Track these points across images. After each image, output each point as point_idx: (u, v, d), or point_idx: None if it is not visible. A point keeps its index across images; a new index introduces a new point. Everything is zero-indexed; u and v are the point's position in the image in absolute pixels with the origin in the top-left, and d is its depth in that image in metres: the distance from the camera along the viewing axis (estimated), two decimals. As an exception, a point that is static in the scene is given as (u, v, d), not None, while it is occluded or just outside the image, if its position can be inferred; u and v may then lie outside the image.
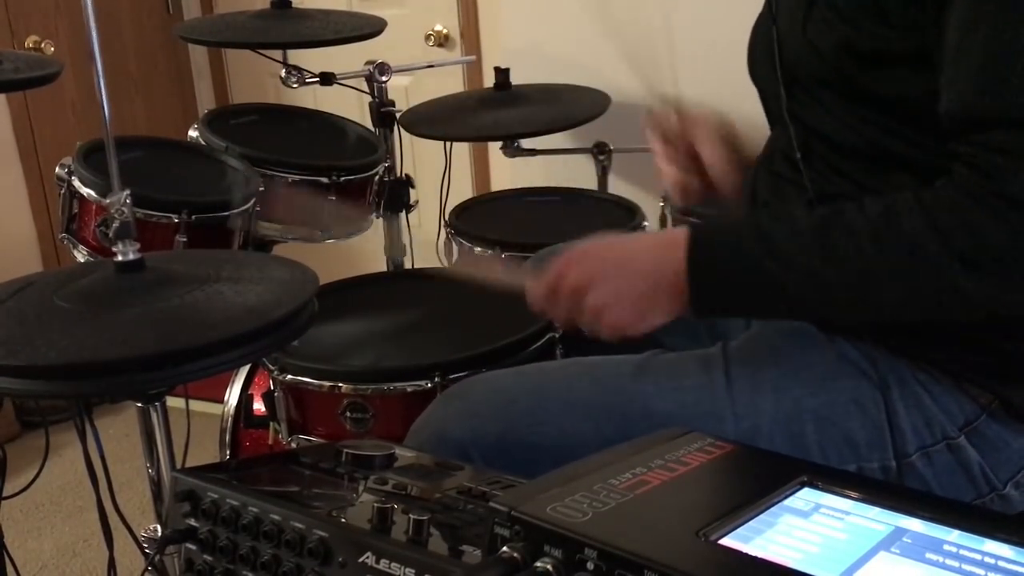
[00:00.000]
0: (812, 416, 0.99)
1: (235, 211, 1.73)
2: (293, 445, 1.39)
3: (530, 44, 2.50)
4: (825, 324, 1.04)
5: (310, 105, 2.47)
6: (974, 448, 0.97)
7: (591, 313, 0.97)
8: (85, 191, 1.70)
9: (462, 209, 2.12)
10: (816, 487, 0.70)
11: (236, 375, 1.81)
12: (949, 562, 0.60)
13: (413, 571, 0.70)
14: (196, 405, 1.55)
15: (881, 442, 0.98)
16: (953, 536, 0.63)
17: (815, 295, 0.91)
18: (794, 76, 1.01)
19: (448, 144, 2.23)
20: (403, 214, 2.22)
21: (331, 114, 2.29)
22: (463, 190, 2.55)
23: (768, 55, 1.04)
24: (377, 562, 0.72)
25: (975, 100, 0.84)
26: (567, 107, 2.14)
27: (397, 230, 2.23)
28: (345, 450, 0.93)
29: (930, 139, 0.91)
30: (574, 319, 1.00)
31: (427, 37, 2.86)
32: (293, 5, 2.08)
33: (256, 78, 3.21)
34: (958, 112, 0.86)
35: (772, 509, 0.67)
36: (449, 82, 2.69)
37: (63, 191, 1.74)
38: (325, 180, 1.95)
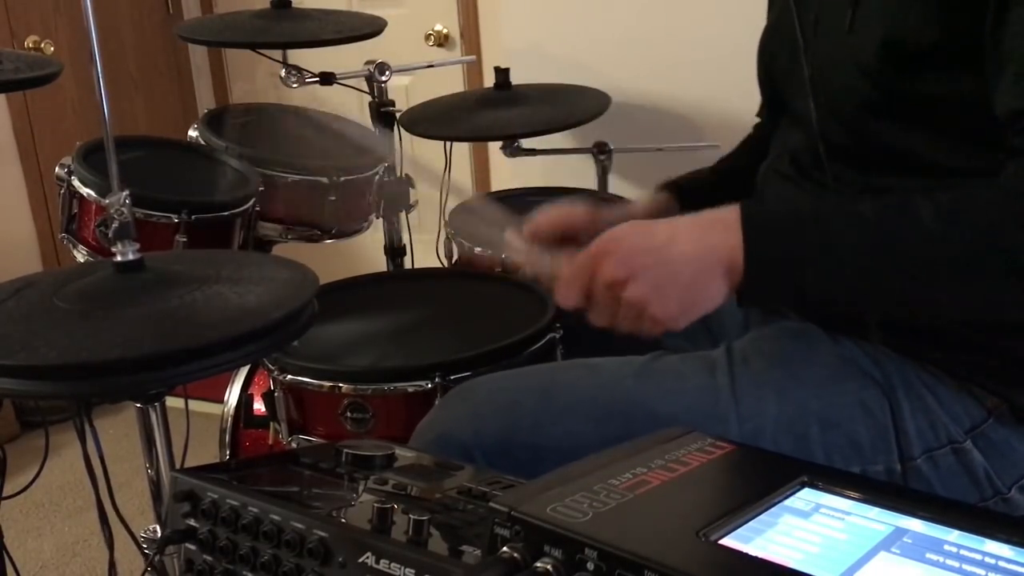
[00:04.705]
0: (816, 418, 0.99)
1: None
2: (293, 445, 1.39)
3: (530, 44, 2.50)
4: (831, 325, 1.03)
5: (310, 105, 2.47)
6: (980, 452, 0.97)
7: (631, 309, 0.88)
8: (85, 191, 1.70)
9: (462, 209, 2.12)
10: (816, 487, 0.70)
11: (236, 375, 1.81)
12: (949, 562, 0.60)
13: (413, 571, 0.70)
14: (196, 405, 1.55)
15: (885, 445, 0.97)
16: (953, 536, 0.63)
17: (880, 280, 0.85)
18: (825, 80, 1.00)
19: (448, 144, 2.23)
20: (403, 214, 2.22)
21: (331, 114, 2.29)
22: (463, 190, 2.55)
23: (794, 56, 1.03)
24: (377, 562, 0.72)
25: None
26: (567, 107, 2.14)
27: (397, 230, 2.23)
28: (345, 450, 0.92)
29: (959, 142, 0.91)
30: (613, 318, 0.90)
31: (427, 37, 2.87)
32: (293, 5, 2.08)
33: (256, 78, 3.21)
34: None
35: (772, 509, 0.66)
36: (449, 82, 2.69)
37: (63, 191, 1.74)
38: (325, 180, 1.95)
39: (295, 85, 2.08)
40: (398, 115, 2.14)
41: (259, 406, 1.78)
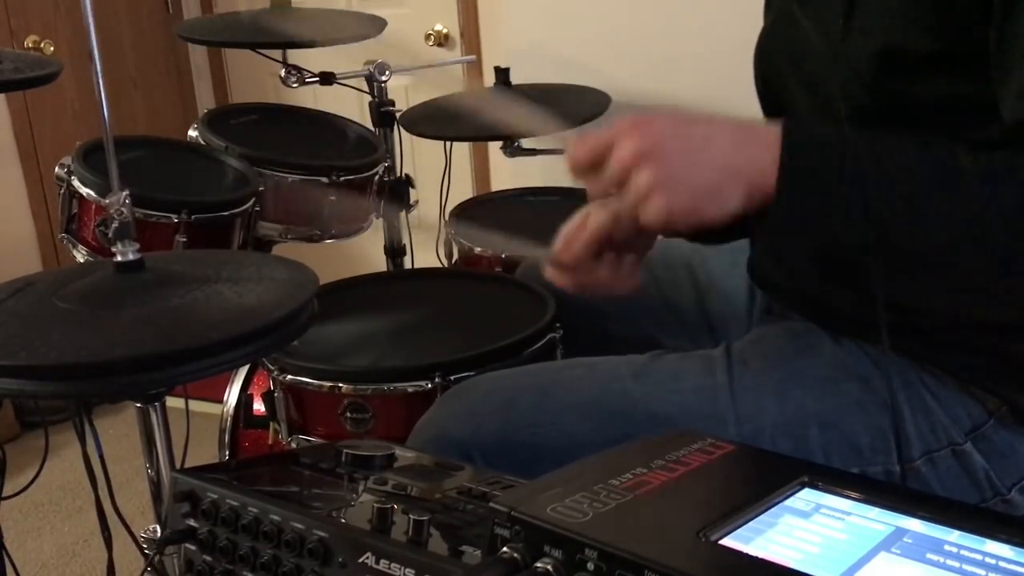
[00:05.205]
0: (815, 420, 0.98)
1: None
2: (293, 445, 1.39)
3: (530, 44, 2.50)
4: (833, 326, 1.03)
5: (310, 105, 2.47)
6: (980, 454, 0.97)
7: (639, 192, 0.82)
8: (85, 191, 1.70)
9: (462, 209, 2.12)
10: (817, 487, 0.70)
11: (236, 375, 1.81)
12: (950, 562, 0.60)
13: (413, 571, 0.70)
14: (196, 405, 1.55)
15: (885, 446, 0.97)
16: (954, 536, 0.63)
17: (911, 225, 0.83)
18: (822, 86, 0.99)
19: (448, 144, 2.23)
20: (403, 214, 2.22)
21: (331, 114, 2.29)
22: (463, 190, 2.55)
23: (790, 60, 1.02)
24: (377, 562, 0.72)
25: None
26: (567, 107, 2.14)
27: (397, 230, 2.23)
28: (345, 450, 0.92)
29: (954, 143, 0.90)
30: (610, 194, 0.85)
31: (427, 37, 2.87)
32: (293, 5, 2.08)
33: (256, 78, 3.21)
34: None
35: (773, 509, 0.66)
36: (449, 82, 2.69)
37: (63, 191, 1.74)
38: (325, 180, 1.95)
39: (295, 85, 2.09)
40: (398, 115, 2.14)
41: (259, 406, 1.78)
